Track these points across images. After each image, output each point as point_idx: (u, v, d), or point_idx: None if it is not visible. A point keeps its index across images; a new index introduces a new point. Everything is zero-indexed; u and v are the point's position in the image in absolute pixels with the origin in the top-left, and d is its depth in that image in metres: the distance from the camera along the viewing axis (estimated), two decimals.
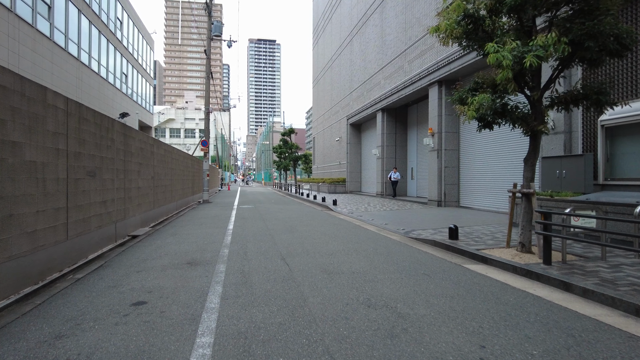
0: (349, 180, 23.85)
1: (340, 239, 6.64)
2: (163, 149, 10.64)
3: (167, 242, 6.42)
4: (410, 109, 18.42)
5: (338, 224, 8.82)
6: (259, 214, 11.18)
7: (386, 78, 18.35)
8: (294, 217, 10.45)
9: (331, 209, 13.07)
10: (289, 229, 7.92)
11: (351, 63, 24.09)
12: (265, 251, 5.55)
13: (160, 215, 10.14)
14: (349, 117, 23.71)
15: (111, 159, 6.39)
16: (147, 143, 8.86)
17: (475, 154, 12.61)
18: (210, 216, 10.76)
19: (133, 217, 7.66)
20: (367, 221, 9.51)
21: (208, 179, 17.29)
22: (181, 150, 14.07)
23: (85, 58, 18.87)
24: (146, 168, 8.72)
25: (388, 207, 13.29)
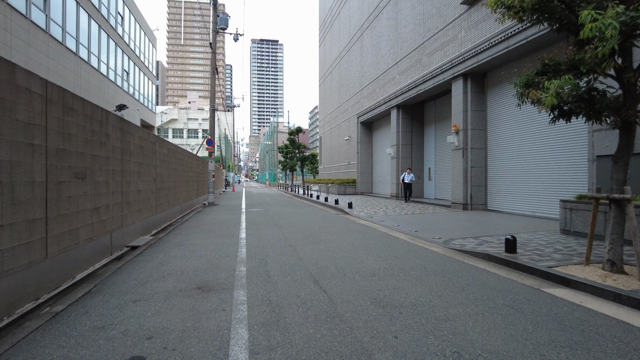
0: (360, 181, 22.83)
1: (374, 252, 5.63)
2: (166, 147, 9.67)
3: (172, 256, 5.43)
4: (428, 106, 17.38)
5: (363, 232, 7.80)
6: (271, 219, 10.18)
7: (401, 73, 17.33)
8: (311, 222, 9.45)
9: (347, 212, 12.07)
10: (310, 238, 6.92)
11: (361, 59, 23.07)
12: (290, 270, 4.55)
13: (163, 221, 9.17)
14: (359, 115, 22.70)
15: (105, 158, 5.42)
16: (148, 141, 7.89)
17: (506, 152, 11.57)
18: (218, 221, 9.78)
19: (132, 224, 6.69)
20: (393, 228, 8.51)
21: (213, 180, 16.33)
22: (185, 149, 13.11)
23: (84, 53, 17.95)
24: (147, 169, 7.75)
25: (409, 211, 12.26)
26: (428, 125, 17.33)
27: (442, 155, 16.00)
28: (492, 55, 10.82)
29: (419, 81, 15.10)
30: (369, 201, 16.64)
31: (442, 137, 15.98)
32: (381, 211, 12.36)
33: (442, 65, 13.43)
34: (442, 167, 16.05)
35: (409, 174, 15.58)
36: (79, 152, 4.54)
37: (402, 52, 17.39)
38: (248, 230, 7.99)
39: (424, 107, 17.67)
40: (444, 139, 15.70)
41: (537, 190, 10.31)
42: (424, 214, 11.39)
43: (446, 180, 15.57)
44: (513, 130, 11.29)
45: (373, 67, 21.02)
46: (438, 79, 13.78)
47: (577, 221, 6.69)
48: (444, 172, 15.81)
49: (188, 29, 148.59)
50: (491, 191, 12.24)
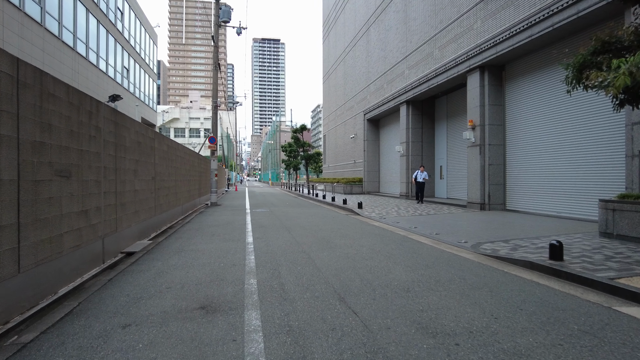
0: (367, 180, 22.16)
1: (400, 260, 4.98)
2: (166, 144, 9.04)
3: (171, 265, 4.79)
4: (439, 101, 16.69)
5: (381, 235, 7.15)
6: (278, 221, 9.54)
7: (411, 67, 16.65)
8: (321, 224, 8.80)
9: (358, 213, 11.42)
10: (323, 242, 6.27)
11: (368, 54, 22.39)
12: (309, 283, 3.90)
13: (163, 223, 8.54)
14: (365, 112, 22.02)
15: (96, 155, 4.78)
16: (146, 136, 7.25)
17: (527, 149, 10.88)
18: (222, 223, 9.14)
19: (128, 228, 6.05)
20: (411, 230, 7.86)
21: (216, 179, 15.70)
22: (187, 147, 12.48)
23: (82, 49, 17.35)
24: (145, 167, 7.11)
25: (423, 211, 11.59)
26: (439, 121, 16.64)
27: (455, 152, 15.32)
28: (513, 46, 10.13)
29: (431, 75, 14.41)
30: (378, 201, 15.97)
31: (455, 134, 15.30)
32: (393, 211, 11.70)
33: (457, 58, 12.75)
34: (454, 165, 15.36)
35: (422, 172, 14.38)
36: (62, 147, 3.91)
37: (411, 45, 16.71)
38: (255, 233, 7.35)
39: (435, 103, 16.98)
40: (457, 136, 15.03)
41: (564, 190, 9.63)
42: (440, 215, 10.73)
43: (459, 178, 14.89)
44: (536, 125, 10.60)
45: (380, 62, 20.34)
46: (452, 72, 13.09)
47: (622, 223, 6.01)
48: (457, 170, 15.13)
49: (190, 27, 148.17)
50: (510, 190, 11.56)
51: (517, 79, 11.27)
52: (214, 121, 15.70)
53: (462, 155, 14.71)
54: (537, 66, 10.49)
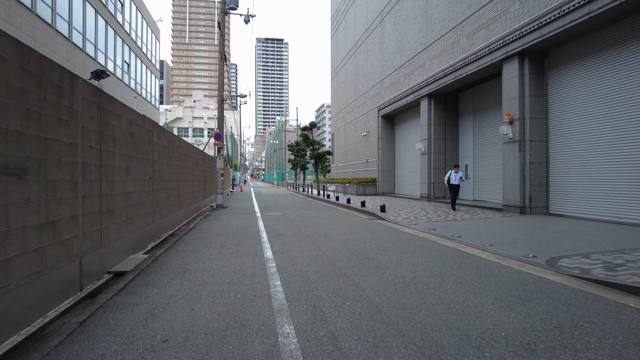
0: (381, 180, 20.87)
1: (478, 289, 3.71)
2: (167, 139, 7.81)
3: (170, 295, 3.54)
4: (463, 95, 15.37)
5: (427, 249, 5.87)
6: (296, 227, 8.28)
7: (433, 58, 15.34)
8: (347, 232, 7.53)
9: (381, 217, 10.16)
10: (362, 259, 5.00)
11: (382, 46, 21.10)
12: (375, 335, 2.63)
13: (162, 230, 7.30)
14: (380, 108, 20.73)
15: (70, 146, 3.55)
16: (142, 127, 6.02)
17: (576, 145, 9.56)
18: (232, 230, 7.89)
19: (118, 240, 4.82)
20: (456, 239, 6.59)
21: (222, 179, 14.48)
22: (191, 144, 11.26)
23: (78, 39, 16.18)
24: (141, 164, 5.88)
25: (456, 216, 10.30)
26: (464, 116, 15.32)
27: (483, 150, 14.01)
28: (565, 26, 8.81)
29: (458, 65, 13.11)
30: (398, 203, 14.68)
31: (483, 130, 13.99)
32: (422, 216, 10.42)
33: (490, 45, 11.43)
34: (483, 164, 14.05)
35: (456, 172, 11.71)
36: (9, 131, 2.66)
37: (433, 35, 15.41)
38: (273, 244, 6.08)
39: (459, 97, 15.67)
40: (485, 132, 13.72)
41: (625, 191, 8.30)
42: (477, 220, 9.43)
43: (489, 178, 13.58)
44: (585, 118, 9.28)
45: (396, 55, 19.04)
46: (484, 61, 11.78)
47: None
48: (486, 169, 13.81)
49: (193, 27, 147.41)
50: (555, 192, 10.23)
51: (562, 67, 9.96)
52: (219, 116, 14.48)
53: (492, 153, 13.40)
54: (588, 51, 9.18)
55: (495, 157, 13.19)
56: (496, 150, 13.13)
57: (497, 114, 13.02)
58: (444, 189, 15.34)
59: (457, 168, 11.89)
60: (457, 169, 11.87)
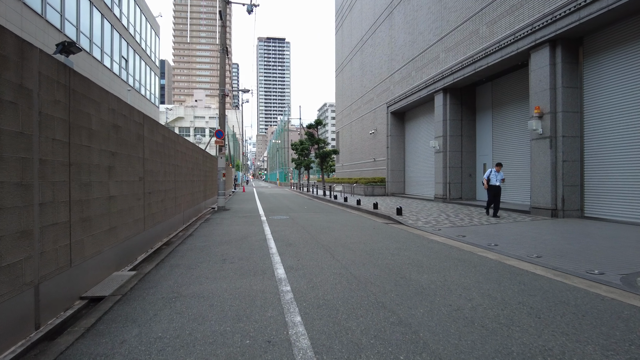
0: (390, 180, 19.91)
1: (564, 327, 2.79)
2: (161, 134, 6.90)
3: (154, 340, 2.62)
4: (481, 89, 14.40)
5: (469, 263, 4.93)
6: (307, 233, 7.35)
7: (448, 50, 14.38)
8: (367, 241, 6.60)
9: (399, 221, 9.23)
10: (399, 279, 4.06)
11: (391, 40, 20.14)
12: None
13: (156, 238, 6.39)
14: (389, 104, 19.77)
15: (19, 137, 2.63)
16: (129, 119, 5.10)
17: (614, 141, 8.59)
18: (235, 238, 6.97)
19: (96, 255, 3.91)
20: (496, 250, 5.66)
21: (224, 179, 13.57)
22: (189, 141, 10.35)
23: (71, 31, 15.29)
24: (128, 163, 4.96)
25: (482, 219, 9.35)
26: (482, 111, 14.35)
27: (504, 147, 13.04)
28: (608, 7, 7.84)
29: (478, 56, 12.14)
30: (412, 205, 13.72)
31: (503, 126, 13.03)
32: (443, 219, 9.48)
33: (515, 33, 10.47)
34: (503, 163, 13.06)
35: (497, 171, 9.88)
36: None
37: (448, 25, 14.45)
38: (284, 257, 5.15)
39: (476, 91, 14.70)
40: (506, 128, 12.76)
41: None
42: (506, 224, 8.49)
43: (510, 178, 12.61)
44: (627, 110, 8.32)
45: (407, 48, 18.07)
46: (509, 51, 10.82)
47: None
48: (506, 168, 12.83)
49: (194, 26, 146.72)
50: (590, 193, 9.27)
51: (600, 55, 8.99)
52: (221, 112, 13.56)
53: (514, 151, 12.43)
54: (630, 36, 8.21)
55: (518, 155, 12.23)
56: (519, 147, 12.16)
57: (521, 108, 12.06)
58: (460, 190, 14.39)
59: (499, 167, 9.90)
60: (500, 168, 9.90)
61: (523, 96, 11.82)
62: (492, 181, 9.91)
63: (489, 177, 9.97)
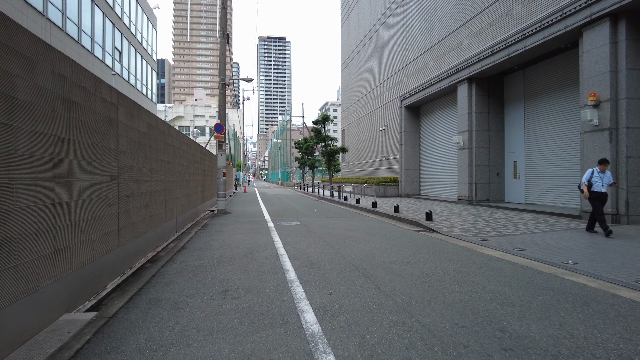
0: (404, 180, 18.45)
1: None
2: (145, 121, 5.45)
3: None
4: (510, 78, 12.95)
5: (575, 298, 3.50)
6: (328, 246, 5.89)
7: (473, 35, 12.92)
8: (411, 259, 5.15)
9: (432, 228, 7.80)
10: (496, 333, 2.62)
11: (404, 28, 18.68)
12: None
13: (137, 254, 4.93)
14: (403, 98, 18.31)
15: None
16: (94, 96, 3.67)
17: None
18: (238, 253, 5.51)
19: (25, 296, 2.46)
20: (592, 274, 4.22)
21: (224, 179, 12.12)
22: (185, 135, 8.90)
23: (56, 17, 13.85)
24: (91, 155, 3.52)
25: (528, 225, 7.89)
26: (512, 104, 12.89)
27: (537, 143, 11.59)
28: None
29: (513, 39, 10.68)
30: (436, 208, 12.26)
31: (537, 119, 11.58)
32: (482, 226, 8.03)
33: (563, 9, 9.01)
34: (536, 160, 11.63)
35: (602, 172, 6.86)
36: None
37: (473, 8, 12.99)
38: (309, 288, 3.70)
39: (504, 81, 13.25)
40: (540, 121, 11.31)
41: None
42: (562, 233, 7.04)
43: (547, 177, 11.17)
44: None
45: (424, 36, 16.61)
46: (554, 30, 9.37)
47: None
48: (541, 166, 11.40)
49: (195, 25, 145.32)
50: None
51: None
52: (221, 104, 12.12)
53: (552, 147, 10.98)
54: None
55: (559, 151, 10.78)
56: (559, 142, 10.71)
57: (564, 98, 10.61)
58: (487, 190, 12.92)
59: (604, 165, 6.82)
60: (606, 166, 6.83)
61: (567, 83, 10.38)
62: (595, 186, 6.82)
63: (590, 181, 6.90)
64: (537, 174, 11.67)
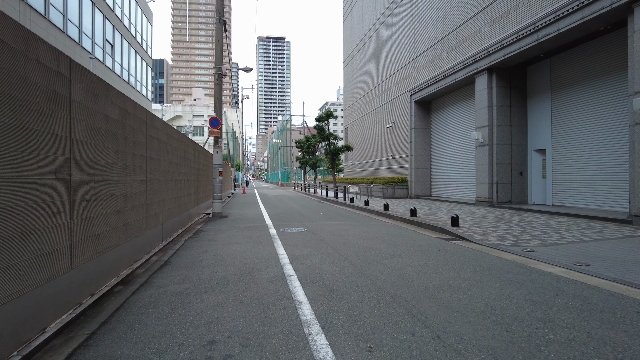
0: (414, 180, 17.31)
1: None
2: (118, 105, 4.31)
3: None
4: (534, 68, 11.82)
5: None
6: (349, 265, 4.75)
7: (494, 21, 11.79)
8: (462, 285, 4.03)
9: (461, 236, 6.68)
10: None
11: (413, 19, 17.55)
12: None
13: (101, 277, 3.76)
14: (413, 92, 17.18)
15: None
16: (23, 55, 2.50)
17: None
18: (234, 273, 4.37)
19: None
20: None
21: (221, 179, 10.97)
22: (176, 129, 7.75)
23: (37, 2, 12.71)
24: (24, 144, 2.35)
25: (573, 231, 6.75)
26: (536, 96, 11.76)
27: (567, 139, 10.47)
28: None
29: (543, 23, 9.56)
30: (456, 211, 11.12)
31: (567, 113, 10.46)
32: (518, 232, 6.90)
33: None
34: (565, 158, 10.51)
35: None
36: None
37: None
38: (332, 337, 2.57)
39: (527, 72, 12.12)
40: (570, 115, 10.19)
41: None
42: (610, 240, 5.91)
43: (579, 177, 10.05)
44: None
45: (435, 25, 15.49)
46: (597, 8, 8.24)
47: None
48: (572, 164, 10.29)
49: (193, 24, 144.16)
50: None
51: None
52: (217, 96, 10.97)
53: (587, 143, 9.85)
54: None
55: (593, 147, 9.66)
56: (596, 137, 9.59)
57: (601, 87, 9.50)
58: (509, 191, 11.79)
59: None
60: None
61: (608, 70, 9.26)
62: None
63: None
64: (567, 172, 10.55)
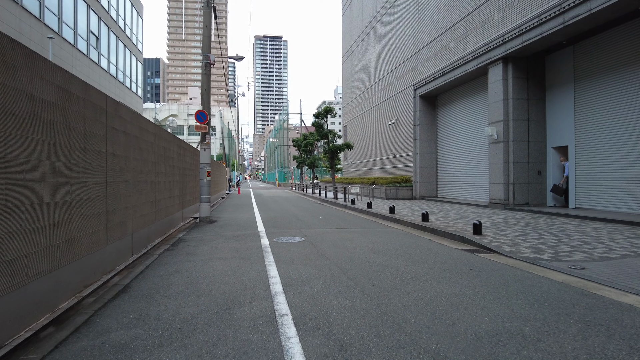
0: (419, 180, 16.25)
1: None
2: (50, 82, 3.18)
3: None
4: (554, 57, 10.78)
5: None
6: (362, 295, 3.68)
7: (508, 7, 10.75)
8: (518, 324, 2.98)
9: (486, 246, 5.63)
10: None
11: (417, 9, 16.49)
12: None
13: (19, 320, 2.63)
14: (418, 86, 16.12)
15: None
16: None
17: None
18: (207, 312, 3.30)
19: None
20: None
21: (209, 179, 9.86)
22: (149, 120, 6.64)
23: None
24: None
25: (624, 242, 5.72)
26: (556, 88, 10.72)
27: (593, 135, 9.45)
28: None
29: (572, 2, 8.51)
30: (470, 214, 10.07)
31: (593, 106, 9.44)
32: (553, 242, 5.85)
33: None
34: (591, 156, 9.50)
35: None
36: None
37: None
38: None
39: (545, 61, 11.08)
40: (598, 108, 9.17)
41: None
42: None
43: (606, 177, 9.03)
44: None
45: (442, 14, 14.43)
46: None
47: None
48: (599, 163, 9.26)
49: (189, 22, 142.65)
50: None
51: None
52: (204, 87, 9.85)
53: (620, 140, 8.83)
54: None
55: (629, 144, 8.63)
56: (633, 133, 8.56)
57: (630, 77, 8.47)
58: (527, 192, 10.76)
59: None
60: None
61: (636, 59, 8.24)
62: None
63: None
64: (593, 172, 9.52)
